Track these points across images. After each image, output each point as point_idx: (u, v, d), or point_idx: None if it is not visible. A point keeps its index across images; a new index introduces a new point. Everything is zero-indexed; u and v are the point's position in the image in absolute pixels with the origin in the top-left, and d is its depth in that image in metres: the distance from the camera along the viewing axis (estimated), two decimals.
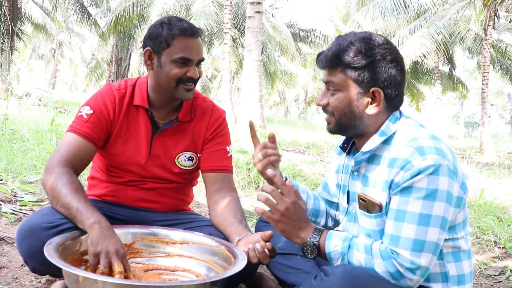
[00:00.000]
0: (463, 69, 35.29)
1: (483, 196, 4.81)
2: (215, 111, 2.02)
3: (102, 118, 1.83)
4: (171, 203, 2.01)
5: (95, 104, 1.84)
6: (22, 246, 1.61)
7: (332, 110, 1.50)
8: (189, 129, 1.95)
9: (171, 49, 1.76)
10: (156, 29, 1.79)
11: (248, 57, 9.70)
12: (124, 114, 1.87)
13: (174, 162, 1.94)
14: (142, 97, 1.88)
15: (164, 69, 1.78)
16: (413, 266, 1.31)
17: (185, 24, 1.78)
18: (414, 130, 1.45)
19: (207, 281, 1.39)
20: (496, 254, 2.98)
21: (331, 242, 1.42)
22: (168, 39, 1.75)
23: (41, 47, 38.67)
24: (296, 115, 43.82)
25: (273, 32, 20.18)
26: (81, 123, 1.79)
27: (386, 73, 1.45)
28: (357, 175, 1.57)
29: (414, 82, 22.15)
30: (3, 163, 3.98)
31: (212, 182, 1.96)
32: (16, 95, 8.85)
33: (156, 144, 1.91)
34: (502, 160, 11.29)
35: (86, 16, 20.57)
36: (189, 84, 1.81)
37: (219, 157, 1.97)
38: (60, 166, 1.68)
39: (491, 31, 14.27)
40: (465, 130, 40.44)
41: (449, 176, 1.34)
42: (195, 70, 1.79)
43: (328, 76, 1.49)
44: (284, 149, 9.77)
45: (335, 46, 1.47)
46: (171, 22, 1.78)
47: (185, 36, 1.76)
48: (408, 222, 1.33)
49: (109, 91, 1.88)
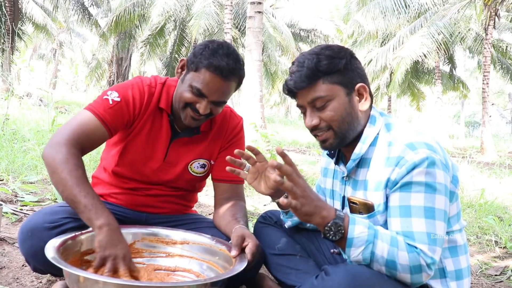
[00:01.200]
0: (464, 69, 35.31)
1: (484, 196, 4.81)
2: (233, 118, 1.97)
3: (126, 110, 1.75)
4: (175, 209, 2.00)
5: (124, 94, 1.76)
6: (24, 246, 1.61)
7: (329, 123, 1.46)
8: (207, 138, 1.92)
9: (196, 74, 1.69)
10: (199, 48, 1.72)
11: (249, 57, 9.69)
12: (150, 113, 1.82)
13: (187, 169, 1.91)
14: (168, 101, 1.82)
15: (183, 86, 1.73)
16: (431, 261, 1.31)
17: (224, 62, 1.66)
18: (398, 128, 1.48)
19: (208, 282, 1.39)
20: (497, 254, 2.97)
21: (356, 228, 1.32)
22: (199, 64, 1.68)
23: (42, 47, 38.69)
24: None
25: (274, 32, 20.16)
26: (105, 107, 1.71)
27: (359, 68, 1.50)
28: (347, 180, 1.57)
29: (415, 81, 22.13)
30: (4, 163, 3.98)
31: (223, 191, 1.94)
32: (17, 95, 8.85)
33: (172, 150, 1.87)
34: (503, 160, 11.28)
35: (86, 16, 20.56)
36: (197, 114, 1.73)
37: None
38: (69, 146, 1.60)
39: (492, 31, 14.27)
40: (465, 129, 40.44)
41: (443, 170, 1.36)
42: (206, 107, 1.70)
43: (310, 94, 1.45)
44: (285, 149, 9.77)
45: (305, 63, 1.44)
46: (215, 51, 1.68)
47: (213, 73, 1.66)
48: (416, 216, 1.34)
49: (141, 85, 1.81)
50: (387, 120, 1.52)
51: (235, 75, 1.70)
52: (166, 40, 21.05)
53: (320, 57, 1.44)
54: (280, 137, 10.83)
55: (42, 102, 11.07)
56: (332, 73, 1.44)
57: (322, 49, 1.47)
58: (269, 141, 6.33)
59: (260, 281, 1.82)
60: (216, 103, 1.73)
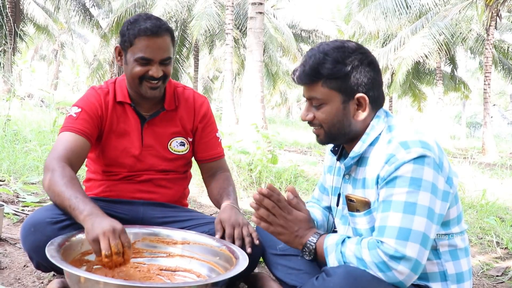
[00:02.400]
0: (465, 70, 35.30)
1: (485, 196, 4.80)
2: (198, 98, 2.08)
3: (91, 114, 1.87)
4: (168, 194, 2.02)
5: (82, 103, 1.89)
6: (27, 241, 1.63)
7: (320, 123, 1.50)
8: (176, 116, 2.01)
9: (133, 48, 1.80)
10: (123, 27, 1.84)
11: (250, 58, 9.69)
12: (111, 110, 1.93)
13: (167, 148, 2.00)
14: (123, 93, 1.94)
15: (128, 67, 1.84)
16: (397, 255, 1.28)
17: (148, 24, 1.78)
18: (399, 127, 1.47)
19: (208, 282, 1.39)
20: (498, 254, 2.97)
21: (329, 239, 1.44)
22: (131, 38, 1.79)
23: (43, 48, 38.75)
24: (298, 115, 43.79)
25: (275, 32, 20.18)
26: (72, 122, 1.83)
27: (366, 77, 1.46)
28: (348, 178, 1.58)
29: (416, 82, 22.13)
30: (5, 164, 3.99)
31: (208, 169, 2.12)
32: (18, 96, 8.87)
33: (146, 135, 1.96)
34: (504, 161, 11.27)
35: (88, 17, 20.57)
36: (153, 82, 1.83)
37: (212, 145, 2.09)
38: (55, 162, 1.69)
39: (493, 31, 14.25)
40: (467, 130, 40.41)
41: (434, 169, 1.35)
42: (158, 69, 1.81)
43: (310, 92, 1.49)
44: (286, 149, 9.77)
45: (311, 60, 1.45)
46: (137, 20, 1.81)
47: (145, 36, 1.77)
48: (394, 211, 1.33)
49: (93, 91, 1.95)
50: (391, 121, 1.51)
51: (164, 30, 1.81)
52: None
53: (327, 59, 1.43)
54: (281, 138, 10.83)
55: (44, 103, 11.10)
56: (332, 78, 1.44)
57: (334, 48, 1.45)
58: (270, 141, 6.33)
59: (261, 281, 1.82)
60: (164, 62, 1.83)
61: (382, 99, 1.53)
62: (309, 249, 1.47)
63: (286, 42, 20.21)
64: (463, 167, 7.34)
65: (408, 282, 1.31)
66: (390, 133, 1.46)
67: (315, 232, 1.49)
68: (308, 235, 1.49)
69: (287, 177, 5.11)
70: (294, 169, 5.39)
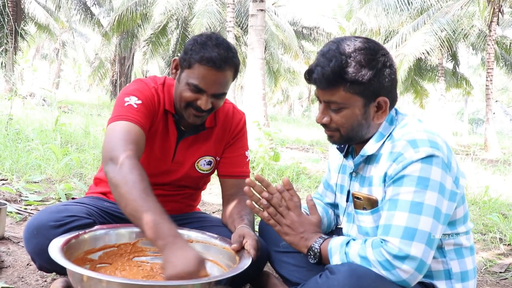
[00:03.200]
0: (467, 66, 35.21)
1: (488, 193, 4.80)
2: (236, 114, 1.98)
3: (150, 109, 1.76)
4: (179, 208, 2.00)
5: (142, 96, 1.76)
6: (30, 244, 1.62)
7: (337, 127, 1.45)
8: (212, 134, 1.93)
9: (190, 71, 1.68)
10: (189, 44, 1.71)
11: (251, 56, 9.67)
12: (160, 115, 1.83)
13: (194, 167, 1.92)
14: (170, 101, 1.83)
15: (179, 86, 1.73)
16: (401, 254, 1.27)
17: (215, 53, 1.64)
18: (410, 125, 1.45)
19: (212, 280, 1.39)
20: (501, 251, 2.96)
21: (333, 241, 1.44)
22: (191, 60, 1.67)
23: (44, 47, 38.79)
24: (300, 113, 43.82)
25: (276, 30, 20.15)
26: (134, 112, 1.69)
27: (388, 79, 1.42)
28: (355, 176, 1.57)
29: (418, 79, 22.10)
30: (8, 163, 3.99)
31: (229, 187, 1.96)
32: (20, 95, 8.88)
33: (180, 150, 1.88)
34: (507, 157, 11.26)
35: (89, 15, 20.57)
36: (199, 112, 1.73)
37: (238, 162, 1.97)
38: (130, 157, 1.53)
39: (495, 27, 14.23)
40: (469, 127, 40.34)
41: (442, 169, 1.33)
42: (207, 101, 1.70)
43: (328, 96, 1.41)
44: (288, 147, 9.77)
45: (331, 63, 1.37)
46: (205, 44, 1.67)
47: (207, 66, 1.65)
48: (400, 210, 1.31)
49: (147, 88, 1.80)
50: (401, 119, 1.49)
51: (229, 64, 1.68)
52: (169, 39, 21.05)
53: (350, 62, 1.36)
54: (283, 135, 10.83)
55: (45, 102, 11.11)
56: (356, 83, 1.38)
57: (356, 49, 1.37)
58: (272, 139, 6.33)
59: (265, 278, 1.82)
60: (216, 96, 1.72)
61: (396, 99, 1.51)
62: (314, 252, 1.47)
63: (287, 40, 20.18)
64: (465, 164, 7.32)
65: (412, 282, 1.30)
66: (400, 130, 1.44)
67: (320, 237, 1.50)
68: (314, 238, 1.49)
69: (289, 175, 5.12)
70: (296, 166, 5.39)
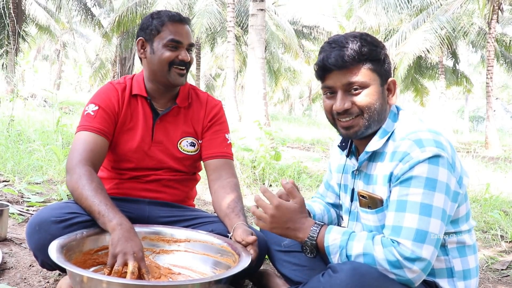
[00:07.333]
0: (467, 64, 35.14)
1: (489, 190, 4.80)
2: (211, 100, 2.11)
3: (108, 111, 1.91)
4: (174, 193, 2.03)
5: (99, 100, 1.93)
6: (32, 240, 1.64)
7: (362, 109, 1.43)
8: (188, 114, 2.04)
9: (161, 34, 1.89)
10: (147, 20, 1.94)
11: (252, 55, 9.67)
12: (127, 105, 1.97)
13: (177, 147, 2.01)
14: (140, 87, 1.99)
15: (156, 54, 1.90)
16: (413, 256, 1.27)
17: (173, 12, 1.94)
18: (413, 124, 1.45)
19: (212, 280, 1.39)
20: (503, 248, 2.97)
21: (330, 236, 1.40)
22: (158, 26, 1.90)
23: (45, 48, 38.82)
24: (301, 112, 43.78)
25: (276, 29, 20.15)
26: (90, 120, 1.87)
27: (391, 63, 1.50)
28: (358, 174, 1.57)
29: (418, 77, 22.07)
30: (9, 164, 4.00)
31: (213, 169, 2.01)
32: (21, 96, 8.89)
33: (157, 130, 1.98)
34: (507, 154, 11.26)
35: (89, 16, 20.59)
36: (181, 68, 1.92)
37: (218, 144, 2.04)
38: (81, 166, 1.74)
39: (495, 25, 14.21)
40: (470, 124, 40.28)
41: (448, 169, 1.34)
42: (186, 53, 1.91)
43: (348, 76, 1.42)
44: (289, 146, 9.78)
45: (350, 44, 1.41)
46: (160, 12, 1.94)
47: (174, 21, 1.91)
48: (410, 212, 1.31)
49: (111, 86, 1.99)
50: (405, 117, 1.50)
51: (187, 19, 1.97)
52: None
53: (363, 42, 1.43)
54: (284, 135, 10.83)
55: (47, 103, 11.13)
56: (374, 60, 1.43)
57: (362, 34, 1.45)
58: (273, 138, 6.33)
59: (266, 278, 1.82)
60: (189, 48, 1.94)
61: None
62: (310, 247, 1.43)
63: (287, 39, 20.19)
64: (466, 161, 7.32)
65: (417, 281, 1.31)
66: (405, 128, 1.45)
67: (313, 224, 1.44)
68: (306, 229, 1.43)
69: (290, 174, 5.12)
70: (297, 165, 5.39)
